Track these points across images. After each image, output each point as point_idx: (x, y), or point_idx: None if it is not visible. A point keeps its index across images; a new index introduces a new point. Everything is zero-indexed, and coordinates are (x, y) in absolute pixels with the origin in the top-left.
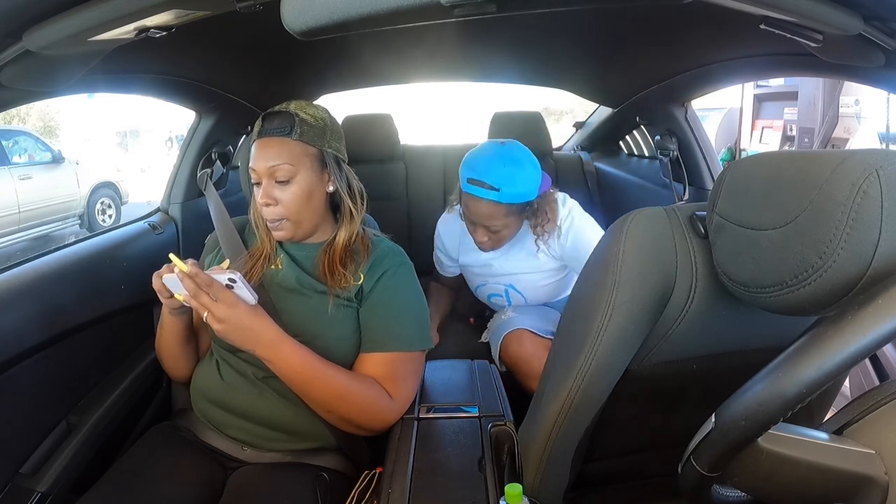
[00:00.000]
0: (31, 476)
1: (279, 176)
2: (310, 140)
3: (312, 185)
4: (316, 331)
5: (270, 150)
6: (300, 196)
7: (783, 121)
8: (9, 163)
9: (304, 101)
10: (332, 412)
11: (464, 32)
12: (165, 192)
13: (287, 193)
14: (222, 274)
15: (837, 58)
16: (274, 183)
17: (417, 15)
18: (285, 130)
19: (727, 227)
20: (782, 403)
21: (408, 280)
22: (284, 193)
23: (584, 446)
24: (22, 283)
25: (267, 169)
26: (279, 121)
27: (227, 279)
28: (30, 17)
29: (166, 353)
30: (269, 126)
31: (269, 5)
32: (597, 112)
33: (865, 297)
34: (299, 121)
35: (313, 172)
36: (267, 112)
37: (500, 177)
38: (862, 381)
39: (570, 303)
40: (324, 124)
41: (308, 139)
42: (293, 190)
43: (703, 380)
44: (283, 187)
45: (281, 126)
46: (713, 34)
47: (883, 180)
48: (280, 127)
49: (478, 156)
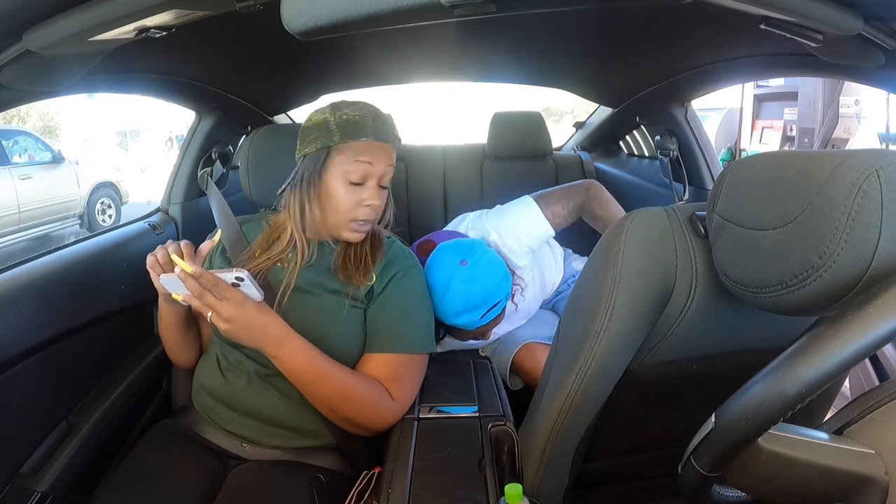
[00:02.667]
0: (31, 476)
1: (385, 181)
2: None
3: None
4: (322, 330)
5: (389, 154)
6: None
7: (783, 121)
8: (9, 163)
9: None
10: (334, 411)
11: (464, 32)
12: (165, 192)
13: (383, 197)
14: (229, 273)
15: (837, 58)
16: (379, 185)
17: (417, 15)
18: (393, 139)
19: (727, 227)
20: (782, 403)
21: (417, 283)
22: (382, 197)
23: (584, 446)
24: (22, 283)
25: (383, 170)
26: (389, 126)
27: (234, 278)
28: (30, 17)
29: (167, 342)
30: (385, 129)
31: (269, 5)
32: (597, 112)
33: (866, 297)
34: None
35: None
36: (368, 111)
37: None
38: (862, 381)
39: (570, 303)
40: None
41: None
42: (385, 194)
43: (703, 380)
44: (383, 192)
45: (391, 133)
46: (713, 34)
47: (883, 180)
48: (392, 133)
49: (467, 296)
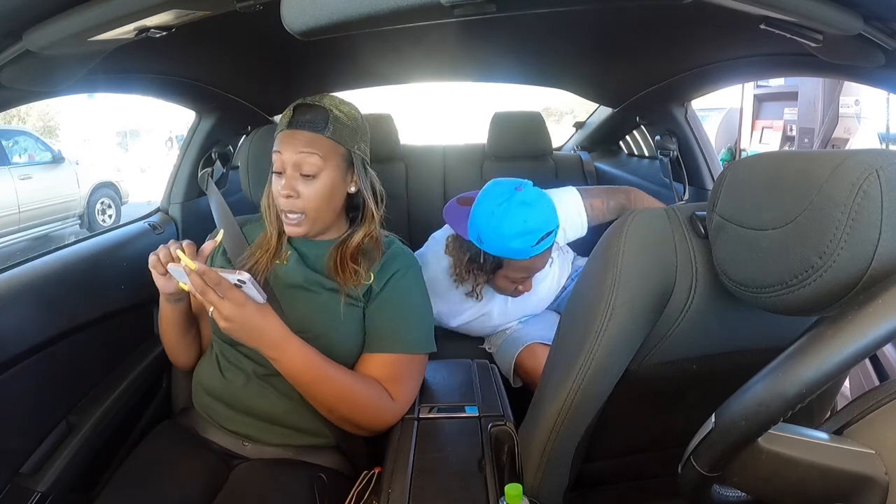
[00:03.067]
0: (31, 476)
1: (305, 169)
2: (340, 139)
3: (336, 183)
4: (321, 328)
5: (301, 141)
6: (322, 193)
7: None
8: (9, 163)
9: (337, 97)
10: (333, 411)
11: (464, 32)
12: (165, 192)
13: (310, 189)
14: (232, 274)
15: (837, 58)
16: (298, 175)
17: (417, 15)
18: (318, 126)
19: (727, 227)
20: (782, 403)
21: (416, 282)
22: (308, 188)
23: (584, 446)
24: (22, 283)
25: (294, 160)
26: (312, 114)
27: (237, 280)
28: (30, 17)
29: (167, 341)
30: (301, 117)
31: (269, 5)
32: (597, 112)
33: (865, 297)
34: (333, 117)
35: (338, 171)
36: (300, 102)
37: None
38: (862, 381)
39: (570, 303)
40: (356, 125)
41: (339, 138)
42: (317, 186)
43: (703, 380)
44: (308, 182)
45: (314, 120)
46: (713, 34)
47: (883, 180)
48: (313, 121)
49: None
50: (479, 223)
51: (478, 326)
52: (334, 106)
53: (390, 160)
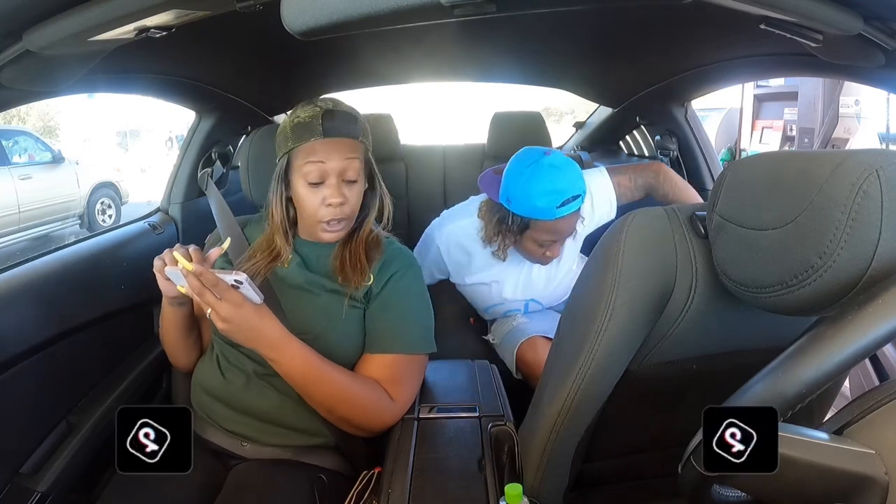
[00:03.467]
0: (31, 476)
1: (350, 175)
2: (366, 139)
3: (364, 184)
4: (321, 330)
5: (343, 148)
6: (360, 195)
7: (783, 121)
8: (9, 163)
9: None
10: (332, 412)
11: (464, 32)
12: (165, 192)
13: (353, 193)
14: (229, 275)
15: (837, 58)
16: (343, 182)
17: (417, 15)
18: (353, 131)
19: (727, 227)
20: (782, 403)
21: (416, 282)
22: (351, 193)
23: (584, 446)
24: (22, 283)
25: (341, 166)
26: (344, 120)
27: (234, 280)
28: (30, 17)
29: (168, 343)
30: (334, 124)
31: (269, 5)
32: (597, 112)
33: (865, 297)
34: (358, 120)
35: (365, 172)
36: (327, 109)
37: (577, 182)
38: (862, 381)
39: (570, 303)
40: (365, 123)
41: (365, 138)
42: (357, 189)
43: (703, 380)
44: (351, 186)
45: (348, 125)
46: (713, 34)
47: (883, 180)
48: (347, 126)
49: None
50: (508, 183)
51: (485, 293)
52: (351, 108)
53: (390, 160)
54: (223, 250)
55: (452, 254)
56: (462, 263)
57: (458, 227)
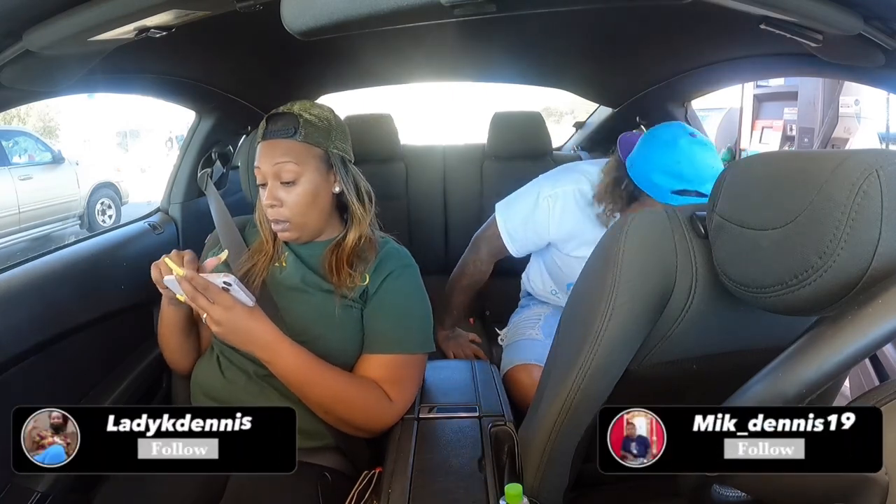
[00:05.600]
0: (31, 476)
1: (284, 177)
2: (314, 141)
3: (318, 186)
4: (319, 331)
5: (275, 151)
6: (305, 197)
7: (783, 121)
8: (9, 163)
9: (308, 102)
10: (329, 413)
11: (464, 32)
12: (165, 192)
13: (292, 195)
14: (217, 277)
15: (837, 58)
16: (279, 184)
17: (417, 15)
18: (289, 132)
19: (727, 227)
20: (782, 403)
21: (413, 282)
22: (290, 195)
23: (584, 446)
24: (22, 283)
25: (272, 169)
26: (283, 122)
27: (223, 282)
28: (30, 17)
29: (167, 345)
30: (273, 127)
31: (269, 5)
32: (597, 112)
33: (865, 297)
34: (303, 122)
35: (318, 173)
36: (271, 113)
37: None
38: (862, 381)
39: (570, 303)
40: (328, 125)
41: (312, 140)
42: (298, 191)
43: (703, 380)
44: (289, 188)
45: (285, 127)
46: (713, 34)
47: (883, 180)
48: (284, 128)
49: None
50: (638, 147)
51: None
52: (304, 110)
53: (390, 160)
54: (221, 261)
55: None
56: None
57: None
